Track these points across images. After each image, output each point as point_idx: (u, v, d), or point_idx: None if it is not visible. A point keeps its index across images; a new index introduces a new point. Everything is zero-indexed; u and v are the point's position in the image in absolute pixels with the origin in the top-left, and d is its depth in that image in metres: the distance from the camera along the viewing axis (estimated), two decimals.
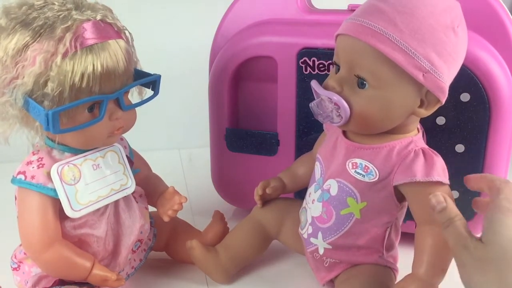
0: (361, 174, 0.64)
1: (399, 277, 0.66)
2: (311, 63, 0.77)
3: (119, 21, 0.62)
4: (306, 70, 0.78)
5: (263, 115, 0.85)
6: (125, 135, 0.70)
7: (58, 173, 0.61)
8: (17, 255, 0.68)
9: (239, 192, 0.89)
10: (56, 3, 0.58)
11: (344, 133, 0.68)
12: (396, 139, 0.64)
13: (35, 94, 0.57)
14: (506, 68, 0.72)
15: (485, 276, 0.49)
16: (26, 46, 0.56)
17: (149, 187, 0.73)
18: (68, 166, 0.62)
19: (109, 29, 0.60)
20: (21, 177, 0.61)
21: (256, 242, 0.77)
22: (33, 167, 0.61)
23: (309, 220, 0.70)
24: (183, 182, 1.06)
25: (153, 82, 0.66)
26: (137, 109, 0.65)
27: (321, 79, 0.65)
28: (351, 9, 0.77)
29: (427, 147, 0.64)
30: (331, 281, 0.72)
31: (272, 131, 0.84)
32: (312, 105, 0.65)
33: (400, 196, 0.65)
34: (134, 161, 0.71)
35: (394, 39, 0.58)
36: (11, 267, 0.69)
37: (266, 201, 0.78)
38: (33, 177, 0.61)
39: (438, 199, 0.57)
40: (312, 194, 0.70)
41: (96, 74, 0.57)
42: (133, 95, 0.67)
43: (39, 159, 0.62)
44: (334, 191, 0.66)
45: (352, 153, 0.66)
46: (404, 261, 0.68)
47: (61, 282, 0.66)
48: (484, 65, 0.70)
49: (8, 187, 0.64)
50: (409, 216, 0.67)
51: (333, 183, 0.67)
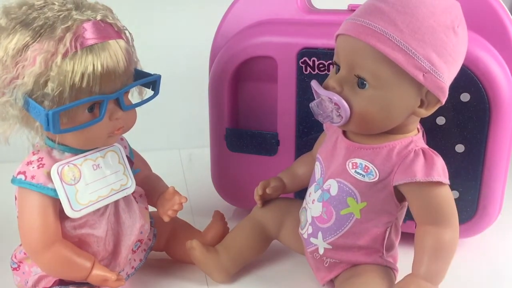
0: (361, 174, 0.64)
1: (399, 277, 0.66)
2: (311, 63, 0.77)
3: (119, 21, 0.62)
4: (306, 70, 0.78)
5: (263, 115, 0.85)
6: (125, 135, 0.70)
7: (58, 173, 0.61)
8: (17, 255, 0.68)
9: (239, 192, 0.89)
10: (56, 3, 0.58)
11: (344, 133, 0.68)
12: (396, 139, 0.64)
13: (35, 94, 0.57)
14: (506, 68, 0.72)
15: None
16: (26, 46, 0.56)
17: (149, 187, 0.73)
18: (68, 166, 0.62)
19: (109, 29, 0.60)
20: (21, 177, 0.61)
21: (256, 242, 0.77)
22: (33, 167, 0.61)
23: (309, 220, 0.70)
24: (183, 182, 1.06)
25: (153, 82, 0.66)
26: (137, 109, 0.65)
27: (321, 79, 0.65)
28: (351, 9, 0.77)
29: (427, 147, 0.64)
30: (331, 281, 0.72)
31: (272, 131, 0.84)
32: (312, 105, 0.65)
33: (400, 196, 0.65)
34: (134, 161, 0.71)
35: (394, 39, 0.58)
36: (11, 267, 0.69)
37: (266, 201, 0.78)
38: (33, 177, 0.61)
39: None
40: (312, 194, 0.70)
41: (96, 74, 0.57)
42: (133, 95, 0.67)
43: (39, 159, 0.62)
44: (334, 191, 0.66)
45: (352, 153, 0.66)
46: (404, 261, 0.68)
47: (61, 282, 0.66)
48: (484, 65, 0.70)
49: (8, 187, 0.64)
50: (409, 216, 0.67)
51: (333, 183, 0.67)
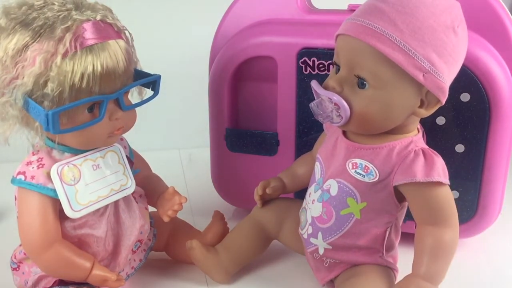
0: (361, 174, 0.64)
1: (399, 277, 0.66)
2: (311, 63, 0.77)
3: (119, 21, 0.62)
4: (306, 70, 0.78)
5: (263, 115, 0.85)
6: (125, 135, 0.70)
7: (58, 173, 0.61)
8: (17, 255, 0.68)
9: (239, 192, 0.89)
10: (56, 3, 0.58)
11: (344, 133, 0.68)
12: (396, 139, 0.64)
13: (35, 94, 0.57)
14: (506, 68, 0.72)
15: None
16: (26, 46, 0.56)
17: (149, 187, 0.73)
18: (68, 166, 0.62)
19: (109, 29, 0.60)
20: (21, 177, 0.61)
21: (256, 242, 0.77)
22: (33, 167, 0.61)
23: (309, 220, 0.70)
24: (183, 182, 1.06)
25: (153, 82, 0.66)
26: (137, 109, 0.65)
27: (321, 79, 0.65)
28: (351, 9, 0.77)
29: (427, 147, 0.64)
30: (331, 281, 0.72)
31: (272, 131, 0.84)
32: (312, 105, 0.65)
33: (400, 196, 0.65)
34: (134, 161, 0.71)
35: (394, 39, 0.58)
36: (11, 267, 0.69)
37: (266, 201, 0.78)
38: (33, 177, 0.61)
39: None
40: (312, 194, 0.70)
41: (96, 74, 0.57)
42: (133, 95, 0.67)
43: (39, 159, 0.62)
44: (334, 191, 0.66)
45: (352, 153, 0.66)
46: (404, 261, 0.68)
47: (61, 282, 0.66)
48: (484, 65, 0.70)
49: (8, 187, 0.64)
50: (409, 216, 0.67)
51: (333, 183, 0.67)
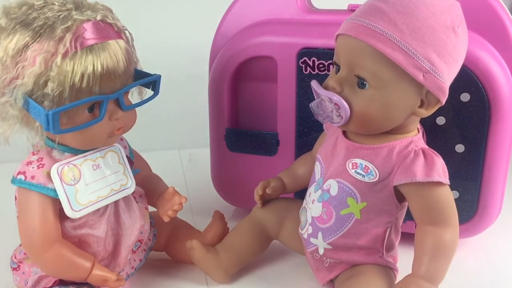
0: (361, 174, 0.64)
1: (399, 277, 0.66)
2: (311, 63, 0.77)
3: (119, 21, 0.62)
4: (306, 70, 0.78)
5: (263, 115, 0.85)
6: (125, 135, 0.70)
7: (58, 173, 0.61)
8: (17, 255, 0.68)
9: (239, 192, 0.89)
10: (56, 3, 0.58)
11: (344, 133, 0.68)
12: (396, 139, 0.64)
13: (35, 94, 0.57)
14: (506, 68, 0.72)
15: None
16: (26, 46, 0.56)
17: (149, 187, 0.73)
18: (68, 166, 0.62)
19: (109, 29, 0.60)
20: (21, 177, 0.61)
21: (256, 242, 0.77)
22: (33, 167, 0.61)
23: (309, 220, 0.70)
24: (183, 182, 1.06)
25: (153, 82, 0.66)
26: (137, 109, 0.65)
27: (321, 79, 0.65)
28: (351, 9, 0.77)
29: (427, 147, 0.64)
30: (331, 281, 0.72)
31: (272, 131, 0.84)
32: (312, 105, 0.65)
33: (400, 196, 0.65)
34: (134, 161, 0.71)
35: (394, 39, 0.58)
36: (11, 267, 0.69)
37: (266, 201, 0.78)
38: (33, 177, 0.61)
39: None
40: (312, 194, 0.70)
41: (96, 74, 0.57)
42: (133, 95, 0.67)
43: (39, 159, 0.62)
44: (334, 191, 0.66)
45: (352, 153, 0.66)
46: (404, 261, 0.68)
47: (61, 282, 0.66)
48: (484, 65, 0.70)
49: (8, 187, 0.64)
50: (409, 216, 0.67)
51: (333, 183, 0.67)
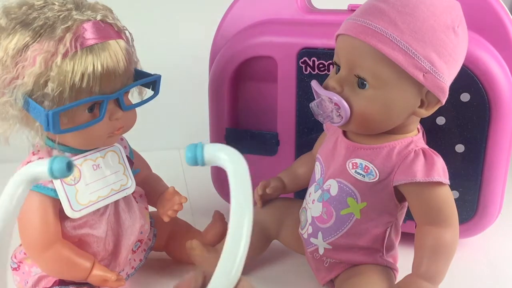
0: (361, 174, 0.64)
1: (399, 277, 0.66)
2: (311, 63, 0.77)
3: (119, 21, 0.62)
4: (306, 70, 0.78)
5: (263, 115, 0.85)
6: (125, 135, 0.70)
7: None
8: (17, 255, 0.68)
9: None
10: (56, 3, 0.58)
11: (344, 133, 0.68)
12: (396, 139, 0.64)
13: (35, 94, 0.57)
14: (506, 68, 0.72)
15: None
16: (26, 46, 0.56)
17: (149, 187, 0.73)
18: None
19: (109, 29, 0.60)
20: None
21: (256, 242, 0.77)
22: None
23: (309, 220, 0.70)
24: (183, 182, 1.06)
25: (153, 82, 0.66)
26: (137, 109, 0.65)
27: (321, 79, 0.65)
28: (351, 9, 0.77)
29: (427, 147, 0.64)
30: (331, 281, 0.72)
31: (272, 131, 0.84)
32: (312, 105, 0.65)
33: (400, 196, 0.65)
34: (134, 161, 0.71)
35: (395, 39, 0.58)
36: (11, 267, 0.69)
37: (266, 201, 0.78)
38: None
39: None
40: (312, 194, 0.70)
41: (96, 74, 0.57)
42: (133, 95, 0.67)
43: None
44: (334, 191, 0.66)
45: (352, 153, 0.66)
46: (404, 261, 0.68)
47: (61, 282, 0.66)
48: (484, 65, 0.70)
49: None
50: (409, 216, 0.67)
51: (333, 183, 0.67)
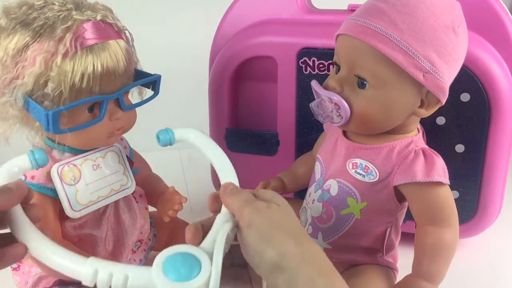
0: (361, 174, 0.64)
1: (399, 277, 0.66)
2: (311, 63, 0.77)
3: (119, 21, 0.62)
4: (306, 70, 0.78)
5: (263, 115, 0.85)
6: (125, 135, 0.70)
7: (58, 173, 0.61)
8: None
9: None
10: (56, 3, 0.58)
11: (344, 133, 0.68)
12: (396, 139, 0.64)
13: (35, 94, 0.57)
14: (506, 68, 0.72)
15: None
16: (26, 46, 0.56)
17: (149, 187, 0.73)
18: (68, 166, 0.62)
19: (109, 29, 0.60)
20: (21, 177, 0.61)
21: None
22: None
23: (309, 220, 0.70)
24: (183, 182, 1.06)
25: (153, 82, 0.66)
26: (137, 109, 0.65)
27: (321, 79, 0.65)
28: (351, 9, 0.77)
29: (427, 147, 0.64)
30: None
31: (272, 131, 0.84)
32: (312, 105, 0.65)
33: (400, 196, 0.65)
34: (134, 161, 0.71)
35: (395, 39, 0.58)
36: (11, 267, 0.69)
37: None
38: (33, 177, 0.61)
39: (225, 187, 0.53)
40: (312, 194, 0.70)
41: (96, 74, 0.57)
42: (133, 95, 0.66)
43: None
44: (334, 191, 0.66)
45: (352, 153, 0.66)
46: (404, 261, 0.68)
47: (61, 282, 0.66)
48: (484, 65, 0.70)
49: None
50: (409, 216, 0.67)
51: (333, 183, 0.67)
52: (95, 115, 0.60)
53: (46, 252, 0.49)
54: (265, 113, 0.85)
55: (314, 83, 0.64)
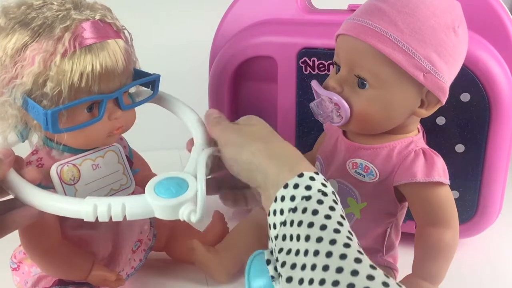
0: (361, 174, 0.64)
1: (399, 277, 0.66)
2: (311, 63, 0.77)
3: (118, 20, 0.62)
4: (306, 70, 0.77)
5: (263, 115, 0.84)
6: (124, 135, 0.70)
7: (57, 173, 0.61)
8: (17, 255, 0.68)
9: None
10: (55, 3, 0.58)
11: (344, 133, 0.68)
12: (396, 139, 0.64)
13: (34, 93, 0.57)
14: (506, 68, 0.72)
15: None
16: (25, 46, 0.56)
17: None
18: (68, 166, 0.62)
19: (108, 28, 0.59)
20: None
21: (256, 242, 0.77)
22: (32, 167, 0.61)
23: None
24: None
25: (152, 82, 0.66)
26: (137, 109, 0.65)
27: (321, 79, 0.65)
28: (351, 9, 0.77)
29: (427, 147, 0.64)
30: None
31: None
32: (313, 105, 0.64)
33: (400, 196, 0.65)
34: (134, 161, 0.71)
35: (395, 39, 0.58)
36: (11, 267, 0.69)
37: None
38: None
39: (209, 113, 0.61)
40: None
41: (95, 74, 0.57)
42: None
43: (39, 159, 0.62)
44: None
45: (352, 153, 0.66)
46: (404, 261, 0.68)
47: (60, 282, 0.66)
48: (484, 65, 0.70)
49: None
50: (409, 216, 0.67)
51: (333, 183, 0.67)
52: (94, 114, 0.60)
53: (49, 202, 0.53)
54: (265, 113, 0.84)
55: (314, 83, 0.64)
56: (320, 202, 0.48)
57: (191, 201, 0.51)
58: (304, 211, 0.48)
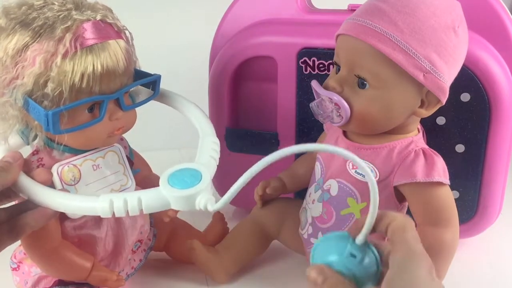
0: (361, 174, 0.64)
1: None
2: (311, 63, 0.77)
3: (119, 21, 0.62)
4: (306, 70, 0.77)
5: (263, 115, 0.85)
6: (125, 135, 0.70)
7: (58, 173, 0.61)
8: (17, 255, 0.68)
9: (239, 192, 0.89)
10: (56, 3, 0.58)
11: (345, 133, 0.68)
12: (396, 139, 0.64)
13: (35, 94, 0.57)
14: (506, 68, 0.72)
15: None
16: (26, 47, 0.56)
17: (149, 187, 0.73)
18: (68, 166, 0.62)
19: (109, 29, 0.59)
20: None
21: (256, 242, 0.77)
22: (33, 168, 0.61)
23: (309, 220, 0.70)
24: None
25: (153, 82, 0.66)
26: (137, 109, 0.65)
27: (321, 79, 0.65)
28: (351, 9, 0.77)
29: (427, 147, 0.64)
30: None
31: (272, 131, 0.83)
32: (313, 105, 0.65)
33: (400, 197, 0.65)
34: (134, 161, 0.71)
35: (395, 39, 0.58)
36: (11, 267, 0.69)
37: (266, 201, 0.78)
38: None
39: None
40: (312, 194, 0.70)
41: (96, 74, 0.57)
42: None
43: (39, 160, 0.62)
44: (334, 191, 0.66)
45: (352, 153, 0.65)
46: None
47: (60, 282, 0.66)
48: (484, 65, 0.70)
49: None
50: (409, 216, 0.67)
51: (333, 183, 0.67)
52: (95, 115, 0.60)
53: (64, 202, 0.54)
54: (265, 113, 0.84)
55: (314, 83, 0.64)
56: None
57: (206, 190, 0.52)
58: None
